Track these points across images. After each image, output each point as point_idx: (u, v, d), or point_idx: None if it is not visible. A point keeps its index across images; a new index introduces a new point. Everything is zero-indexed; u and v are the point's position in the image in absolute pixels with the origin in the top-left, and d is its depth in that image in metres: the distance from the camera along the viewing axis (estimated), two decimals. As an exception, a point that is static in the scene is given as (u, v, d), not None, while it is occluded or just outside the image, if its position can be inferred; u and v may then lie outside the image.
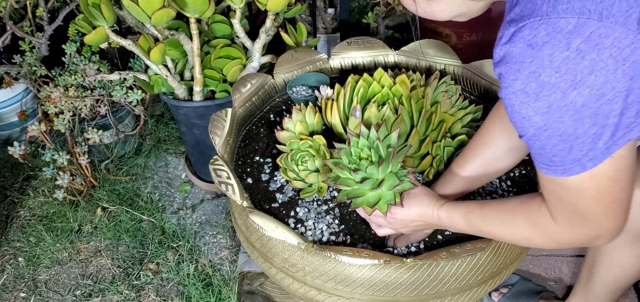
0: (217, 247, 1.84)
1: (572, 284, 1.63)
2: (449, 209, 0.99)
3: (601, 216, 0.76)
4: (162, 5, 1.43)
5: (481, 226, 0.95)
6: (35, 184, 2.12)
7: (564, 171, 0.71)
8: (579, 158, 0.69)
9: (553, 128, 0.67)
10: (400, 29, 2.44)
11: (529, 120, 0.68)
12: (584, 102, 0.63)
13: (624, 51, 0.60)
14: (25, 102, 2.18)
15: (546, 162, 0.73)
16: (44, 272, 1.79)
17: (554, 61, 0.63)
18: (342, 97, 1.27)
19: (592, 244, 0.83)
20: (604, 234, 0.79)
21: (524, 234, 0.89)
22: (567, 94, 0.63)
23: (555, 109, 0.65)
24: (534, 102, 0.66)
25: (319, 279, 1.05)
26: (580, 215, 0.77)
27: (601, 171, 0.70)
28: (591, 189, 0.72)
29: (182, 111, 1.84)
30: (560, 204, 0.78)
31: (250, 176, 1.27)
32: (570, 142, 0.67)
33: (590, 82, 0.62)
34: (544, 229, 0.85)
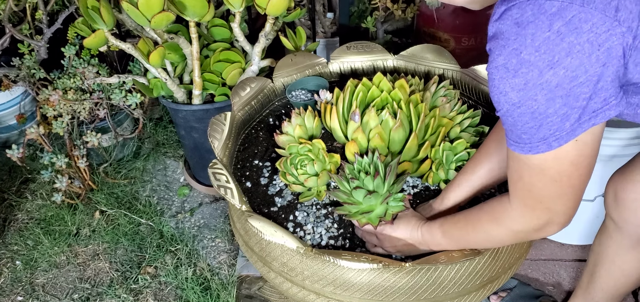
0: (216, 251, 1.83)
1: (571, 289, 1.63)
2: (429, 225, 1.04)
3: (555, 199, 0.80)
4: (162, 9, 1.43)
5: (453, 231, 1.00)
6: (33, 187, 2.12)
7: (530, 149, 0.75)
8: (546, 136, 0.72)
9: (526, 105, 0.70)
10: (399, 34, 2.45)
11: (506, 96, 0.72)
12: (558, 82, 0.67)
13: (600, 37, 0.64)
14: (24, 105, 2.18)
15: (515, 138, 0.77)
16: (42, 275, 1.78)
17: (535, 40, 0.66)
18: (342, 101, 1.27)
19: (542, 232, 0.87)
20: (554, 219, 0.83)
21: (485, 230, 0.94)
22: (543, 73, 0.67)
23: (531, 87, 0.69)
24: (513, 78, 0.69)
25: (317, 283, 1.05)
26: (535, 197, 0.81)
27: (564, 153, 0.74)
28: (552, 170, 0.76)
29: (181, 115, 1.84)
30: (519, 183, 0.83)
31: (249, 180, 1.27)
32: (540, 121, 0.71)
33: (566, 64, 0.65)
34: (501, 218, 0.91)
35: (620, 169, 1.15)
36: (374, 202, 1.09)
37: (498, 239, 0.95)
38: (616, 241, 1.21)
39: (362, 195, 1.09)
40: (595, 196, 1.61)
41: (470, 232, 0.98)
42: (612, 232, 1.21)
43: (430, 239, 1.03)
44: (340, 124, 1.27)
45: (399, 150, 1.21)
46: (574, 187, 0.79)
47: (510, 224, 0.89)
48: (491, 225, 0.93)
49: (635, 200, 1.11)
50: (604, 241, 1.25)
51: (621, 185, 1.13)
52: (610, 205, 1.18)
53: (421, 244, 1.06)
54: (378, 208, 1.10)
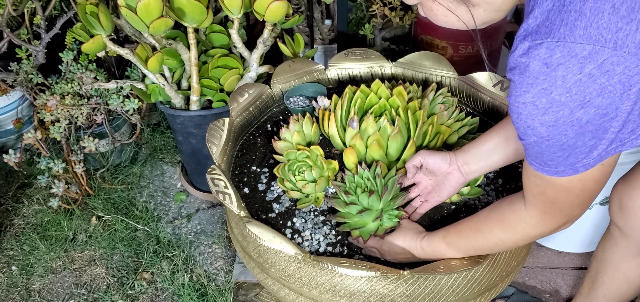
0: (213, 257, 1.83)
1: (568, 297, 1.63)
2: (429, 238, 1.05)
3: (575, 208, 0.84)
4: (161, 15, 1.43)
5: (459, 242, 1.00)
6: (29, 192, 2.11)
7: (556, 173, 0.77)
8: (573, 164, 0.74)
9: (555, 139, 0.71)
10: (397, 41, 2.45)
11: (534, 130, 0.72)
12: (588, 119, 0.67)
13: (632, 78, 0.64)
14: (21, 110, 2.18)
15: (541, 163, 0.78)
16: (38, 281, 1.78)
17: (566, 82, 0.66)
18: (340, 108, 1.27)
19: (556, 231, 0.91)
20: (571, 220, 0.87)
21: (498, 236, 0.95)
22: (574, 112, 0.67)
23: (561, 124, 0.69)
24: (542, 115, 0.70)
25: (315, 290, 1.05)
26: (556, 207, 0.84)
27: (590, 175, 0.76)
28: (577, 188, 0.79)
29: (178, 120, 1.84)
30: (542, 197, 0.84)
31: (247, 186, 1.27)
32: (569, 151, 0.72)
33: (597, 103, 0.66)
34: (516, 225, 0.92)
35: (625, 176, 1.16)
36: (367, 218, 1.10)
37: (512, 245, 0.96)
38: (621, 248, 1.21)
39: (356, 210, 1.10)
40: (593, 203, 1.61)
41: (479, 239, 0.98)
42: (617, 239, 1.21)
43: (432, 252, 1.04)
44: (339, 130, 1.27)
45: (397, 157, 1.21)
46: (593, 196, 0.82)
47: (528, 230, 0.91)
48: (505, 233, 0.94)
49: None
50: (608, 247, 1.25)
51: (626, 192, 1.14)
52: (615, 212, 1.18)
53: (422, 258, 1.06)
54: (370, 224, 1.11)
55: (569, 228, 1.69)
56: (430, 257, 1.04)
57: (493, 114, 1.41)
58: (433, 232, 1.05)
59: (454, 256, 1.02)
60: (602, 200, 1.60)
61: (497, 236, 0.95)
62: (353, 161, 1.19)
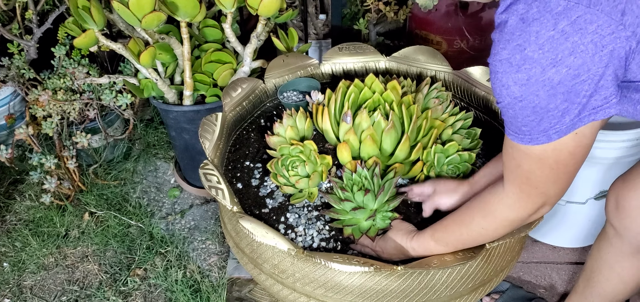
0: (206, 253, 1.82)
1: (563, 292, 1.63)
2: (419, 237, 1.05)
3: (551, 184, 0.84)
4: (153, 9, 1.42)
5: (446, 237, 1.01)
6: (21, 188, 2.10)
7: (530, 140, 0.77)
8: (546, 129, 0.74)
9: (528, 100, 0.72)
10: (391, 36, 2.44)
11: (508, 89, 0.73)
12: (560, 80, 0.68)
13: (604, 38, 0.65)
14: (13, 105, 2.16)
15: (515, 130, 0.79)
16: (30, 277, 1.76)
17: (539, 38, 0.67)
18: (333, 102, 1.27)
19: (535, 216, 0.91)
20: (547, 202, 0.88)
21: (479, 225, 0.96)
22: (546, 70, 0.68)
23: (533, 82, 0.70)
24: (516, 73, 0.71)
25: (309, 286, 1.04)
26: (532, 183, 0.84)
27: (563, 144, 0.76)
28: (551, 159, 0.79)
29: (171, 115, 1.83)
30: (518, 171, 0.85)
31: (240, 181, 1.26)
32: (541, 115, 0.73)
33: (568, 63, 0.66)
34: (494, 209, 0.93)
35: (622, 176, 1.15)
36: (360, 217, 1.10)
37: (493, 232, 0.96)
38: (616, 248, 1.21)
39: (350, 207, 1.10)
40: (586, 198, 1.61)
41: (464, 232, 0.98)
42: (612, 239, 1.21)
43: (423, 251, 1.04)
44: (332, 125, 1.26)
45: (390, 152, 1.20)
46: (569, 173, 0.82)
47: (506, 213, 0.91)
48: (485, 219, 0.95)
49: (637, 208, 1.11)
50: (603, 246, 1.25)
51: (623, 193, 1.13)
52: (611, 212, 1.18)
53: (415, 255, 1.06)
54: (363, 223, 1.11)
55: (564, 222, 1.70)
56: (423, 255, 1.04)
57: (487, 108, 1.41)
58: (423, 230, 1.05)
59: (440, 252, 1.02)
60: (597, 194, 1.60)
61: (478, 224, 0.96)
62: (347, 155, 1.19)
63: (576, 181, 1.57)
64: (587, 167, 1.54)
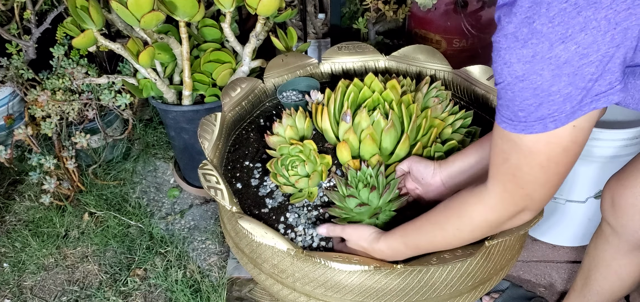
0: (206, 253, 1.82)
1: (563, 291, 1.63)
2: (387, 238, 1.00)
3: (537, 186, 0.78)
4: (152, 9, 1.42)
5: (418, 238, 0.96)
6: (21, 188, 2.10)
7: (524, 127, 0.72)
8: (544, 116, 0.69)
9: (530, 80, 0.67)
10: (391, 35, 2.44)
11: (510, 67, 0.68)
12: (567, 58, 0.64)
13: (619, 14, 0.60)
14: (12, 106, 2.15)
15: (510, 115, 0.73)
16: (30, 278, 1.76)
17: (550, 10, 0.62)
18: (333, 102, 1.26)
19: (514, 220, 0.85)
20: (530, 206, 0.81)
21: (455, 226, 0.91)
22: (554, 46, 0.63)
23: (539, 60, 0.65)
24: (521, 48, 0.66)
25: (308, 286, 1.04)
26: (518, 182, 0.78)
27: (559, 137, 0.71)
28: (542, 154, 0.73)
29: (171, 115, 1.83)
30: (504, 167, 0.79)
31: (239, 181, 1.26)
32: (542, 98, 0.68)
33: (579, 39, 0.62)
34: (473, 208, 0.87)
35: (617, 173, 1.15)
36: (364, 214, 1.09)
37: (468, 235, 0.91)
38: (613, 246, 1.21)
39: (354, 204, 1.09)
40: (586, 197, 1.61)
41: (438, 234, 0.94)
42: (609, 237, 1.21)
43: (392, 253, 1.00)
44: (332, 124, 1.26)
45: (390, 151, 1.20)
46: (558, 175, 0.77)
47: (485, 214, 0.86)
48: (461, 219, 0.90)
49: (633, 205, 1.11)
50: (600, 244, 1.25)
51: (618, 191, 1.13)
52: (607, 210, 1.17)
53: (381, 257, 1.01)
54: (366, 220, 1.10)
55: (563, 221, 1.70)
56: (386, 257, 1.00)
57: (487, 106, 1.40)
58: (391, 231, 1.00)
59: (407, 253, 0.98)
60: (596, 193, 1.60)
61: (454, 225, 0.91)
62: (346, 155, 1.19)
63: (576, 179, 1.58)
64: (587, 165, 1.54)
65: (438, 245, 0.96)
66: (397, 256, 1.00)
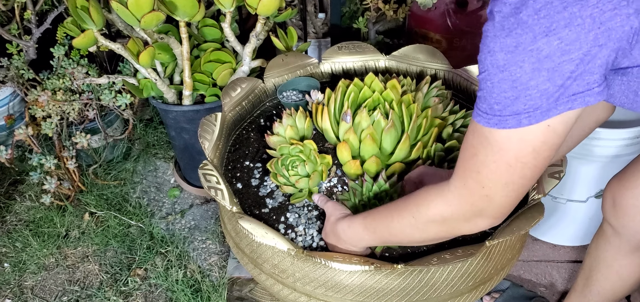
0: (206, 252, 1.82)
1: (564, 290, 1.63)
2: (351, 219, 1.00)
3: (500, 188, 0.75)
4: (152, 9, 1.42)
5: (376, 224, 0.95)
6: (22, 188, 2.10)
7: (498, 121, 0.70)
8: (518, 112, 0.68)
9: (510, 71, 0.66)
10: (391, 34, 2.44)
11: (493, 55, 0.68)
12: (549, 53, 0.63)
13: (604, 14, 0.60)
14: (13, 106, 2.16)
15: (486, 108, 0.72)
16: (30, 278, 1.76)
17: (537, 2, 0.62)
18: (333, 101, 1.26)
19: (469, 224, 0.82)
20: (488, 211, 0.79)
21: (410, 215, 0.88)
22: (537, 38, 0.63)
23: (521, 51, 0.65)
24: (505, 37, 0.66)
25: (309, 286, 1.04)
26: (480, 180, 0.76)
27: (531, 135, 0.69)
28: (511, 152, 0.71)
29: (171, 115, 1.83)
30: (470, 162, 0.77)
31: (240, 181, 1.26)
32: (519, 91, 0.67)
33: (562, 35, 0.62)
34: (431, 200, 0.85)
35: (618, 174, 1.15)
36: None
37: (421, 228, 0.88)
38: (614, 246, 1.21)
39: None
40: (587, 196, 1.61)
41: (394, 223, 0.92)
42: (610, 237, 1.21)
43: (352, 234, 0.99)
44: (332, 124, 1.26)
45: (390, 151, 1.20)
46: (523, 179, 0.74)
47: (441, 207, 0.84)
48: (418, 209, 0.87)
49: (634, 206, 1.11)
50: (601, 245, 1.25)
51: (619, 191, 1.13)
52: (608, 211, 1.17)
53: (344, 238, 1.01)
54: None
55: (564, 220, 1.70)
56: (350, 241, 1.00)
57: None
58: (358, 214, 1.00)
59: (370, 243, 0.98)
60: (597, 193, 1.60)
61: (410, 214, 0.88)
62: (347, 155, 1.19)
63: (577, 179, 1.58)
64: (588, 164, 1.54)
65: (394, 233, 0.93)
66: (357, 238, 0.99)
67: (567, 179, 1.59)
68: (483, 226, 0.82)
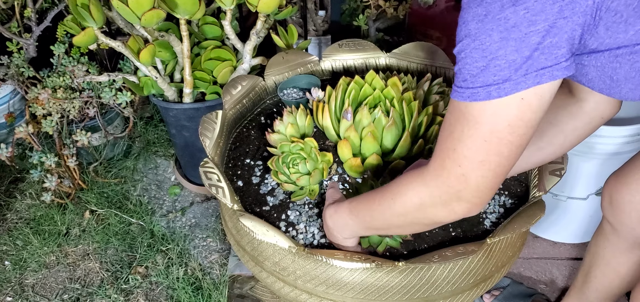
0: (207, 250, 1.82)
1: (564, 287, 1.63)
2: (339, 204, 1.00)
3: (475, 165, 0.74)
4: (152, 7, 1.42)
5: (359, 208, 0.95)
6: (22, 186, 2.10)
7: (471, 94, 0.70)
8: (488, 83, 0.68)
9: (480, 40, 0.67)
10: (391, 32, 2.44)
11: (466, 25, 0.69)
12: (516, 22, 0.64)
13: None
14: (13, 104, 2.16)
15: (460, 82, 0.72)
16: (31, 276, 1.76)
17: None
18: (334, 99, 1.26)
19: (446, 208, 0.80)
20: (465, 194, 0.77)
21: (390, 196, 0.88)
22: (505, 7, 0.64)
23: (490, 19, 0.66)
24: (477, 6, 0.67)
25: (310, 283, 1.04)
26: (456, 158, 0.75)
27: (504, 109, 0.69)
28: (486, 125, 0.71)
29: (171, 113, 1.83)
30: (447, 141, 0.76)
31: (240, 179, 1.26)
32: (488, 61, 0.67)
33: (528, 4, 0.63)
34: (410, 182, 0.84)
35: (616, 171, 1.15)
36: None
37: (399, 211, 0.87)
38: (612, 243, 1.21)
39: None
40: (588, 194, 1.61)
41: (375, 206, 0.91)
42: (609, 234, 1.21)
43: (338, 218, 0.99)
44: (333, 122, 1.26)
45: (391, 148, 1.20)
46: (500, 156, 0.73)
47: (418, 188, 0.83)
48: (399, 189, 0.87)
49: (630, 203, 1.11)
50: (600, 242, 1.25)
51: (616, 188, 1.13)
52: (606, 208, 1.18)
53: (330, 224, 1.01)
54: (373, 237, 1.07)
55: (564, 218, 1.70)
56: (335, 227, 1.00)
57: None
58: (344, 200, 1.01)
59: (354, 228, 0.98)
60: (597, 190, 1.60)
61: (390, 195, 0.88)
62: (348, 152, 1.19)
63: (577, 176, 1.58)
64: (589, 161, 1.54)
65: (375, 217, 0.92)
66: (341, 223, 0.99)
67: (567, 176, 1.59)
68: (461, 211, 0.80)
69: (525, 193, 1.18)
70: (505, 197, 1.18)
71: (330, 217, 1.01)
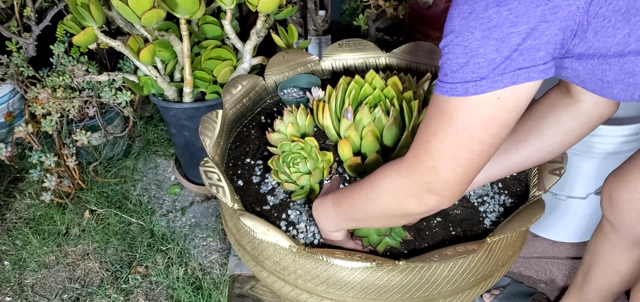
0: (207, 250, 1.82)
1: (564, 286, 1.63)
2: (324, 197, 1.01)
3: (446, 158, 0.75)
4: (152, 6, 1.42)
5: (340, 199, 0.96)
6: (22, 186, 2.10)
7: (450, 89, 0.71)
8: (466, 79, 0.69)
9: (463, 37, 0.68)
10: (391, 32, 2.44)
11: (452, 22, 0.70)
12: (498, 23, 0.65)
13: None
14: (12, 104, 2.15)
15: (441, 77, 0.73)
16: (31, 275, 1.76)
17: None
18: (334, 99, 1.26)
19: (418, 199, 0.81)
20: (435, 186, 0.79)
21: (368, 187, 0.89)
22: (489, 6, 0.65)
23: (474, 17, 0.66)
24: (463, 4, 0.68)
25: (310, 283, 1.04)
26: (429, 149, 0.77)
27: (479, 107, 0.70)
28: (461, 121, 0.72)
29: (171, 113, 1.83)
30: (424, 132, 0.78)
31: (241, 178, 1.26)
32: (468, 58, 0.68)
33: (512, 6, 0.64)
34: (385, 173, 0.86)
35: (615, 170, 1.16)
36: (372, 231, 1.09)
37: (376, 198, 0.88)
38: (612, 242, 1.22)
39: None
40: (587, 193, 1.61)
41: (354, 196, 0.93)
42: (608, 233, 1.22)
43: (322, 210, 1.01)
44: (333, 121, 1.26)
45: (392, 147, 1.20)
46: (471, 153, 0.74)
47: (393, 177, 0.84)
48: (376, 178, 0.88)
49: (629, 201, 1.11)
50: (599, 241, 1.26)
51: (615, 187, 1.13)
52: (605, 206, 1.18)
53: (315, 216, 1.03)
54: (373, 237, 1.09)
55: (564, 217, 1.70)
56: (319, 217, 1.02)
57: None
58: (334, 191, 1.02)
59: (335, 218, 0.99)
60: (597, 190, 1.60)
61: (368, 185, 0.89)
62: (348, 152, 1.19)
63: (577, 175, 1.58)
64: (588, 161, 1.54)
65: (354, 206, 0.94)
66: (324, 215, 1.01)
67: (567, 175, 1.59)
68: (431, 203, 0.81)
69: (525, 192, 1.19)
70: (505, 196, 1.18)
71: (314, 210, 1.03)
